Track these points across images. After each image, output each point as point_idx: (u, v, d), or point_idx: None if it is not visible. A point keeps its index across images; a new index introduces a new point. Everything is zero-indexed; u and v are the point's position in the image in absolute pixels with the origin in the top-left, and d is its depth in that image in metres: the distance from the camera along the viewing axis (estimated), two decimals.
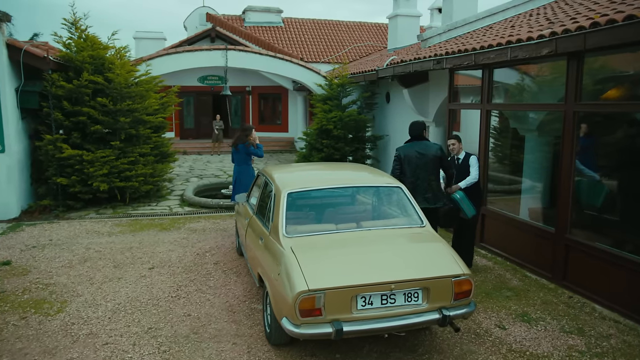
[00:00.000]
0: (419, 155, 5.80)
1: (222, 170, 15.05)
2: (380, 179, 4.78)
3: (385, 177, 4.81)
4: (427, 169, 5.78)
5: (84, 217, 9.13)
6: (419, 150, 5.84)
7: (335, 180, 4.65)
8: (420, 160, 5.78)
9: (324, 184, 4.48)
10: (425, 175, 5.76)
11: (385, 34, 24.39)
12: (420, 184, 5.73)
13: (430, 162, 5.79)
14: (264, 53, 13.09)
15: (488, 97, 7.00)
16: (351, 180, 4.70)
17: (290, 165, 6.40)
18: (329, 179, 4.68)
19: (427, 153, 5.82)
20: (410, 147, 5.92)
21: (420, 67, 8.41)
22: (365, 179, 4.83)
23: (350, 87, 12.26)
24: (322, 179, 4.69)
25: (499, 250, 6.84)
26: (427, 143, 6.01)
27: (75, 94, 9.40)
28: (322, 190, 4.41)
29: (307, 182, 4.55)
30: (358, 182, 4.70)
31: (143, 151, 10.10)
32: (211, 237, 7.76)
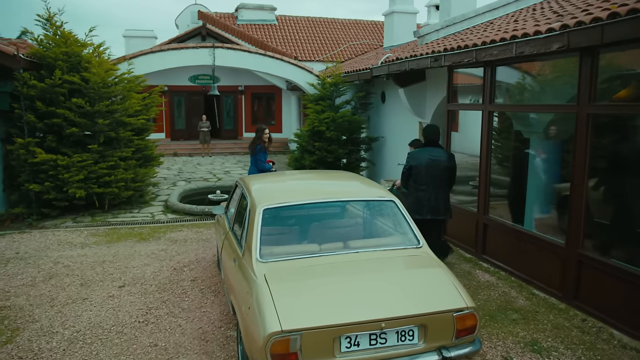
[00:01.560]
0: (431, 163, 5.63)
1: (212, 173, 14.48)
2: (371, 191, 4.22)
3: (377, 188, 4.25)
4: (438, 178, 5.62)
5: (59, 225, 8.55)
6: (432, 157, 5.67)
7: (320, 193, 4.07)
8: (432, 169, 5.62)
9: (307, 197, 3.91)
10: (435, 184, 5.60)
11: (381, 32, 23.84)
12: (430, 194, 5.60)
13: (441, 171, 5.65)
14: (253, 51, 12.52)
15: (490, 97, 6.45)
16: (338, 193, 4.11)
17: (272, 174, 5.81)
18: (312, 192, 4.11)
19: (440, 161, 5.66)
20: (424, 153, 5.73)
21: (417, 65, 7.85)
22: (354, 192, 4.25)
23: (344, 86, 11.70)
24: (305, 192, 4.12)
25: (502, 264, 6.29)
26: (441, 151, 5.80)
27: (49, 94, 8.82)
28: (305, 205, 3.84)
29: (288, 195, 3.99)
30: (346, 196, 4.12)
31: (124, 155, 9.52)
32: (192, 248, 7.20)
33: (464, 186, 8.20)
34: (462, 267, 6.46)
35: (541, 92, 6.10)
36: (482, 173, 6.67)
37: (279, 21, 23.78)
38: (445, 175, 5.72)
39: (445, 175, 5.72)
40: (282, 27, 23.41)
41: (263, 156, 7.81)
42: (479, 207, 6.79)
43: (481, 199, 6.72)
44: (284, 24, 23.66)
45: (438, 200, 5.68)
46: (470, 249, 7.02)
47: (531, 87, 6.28)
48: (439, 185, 5.67)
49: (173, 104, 21.31)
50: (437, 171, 5.64)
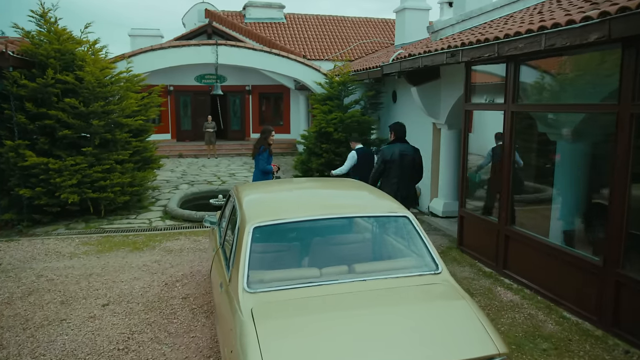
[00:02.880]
0: (402, 157, 6.18)
1: (216, 176, 13.98)
2: (381, 204, 3.63)
3: (387, 201, 3.67)
4: (408, 170, 6.21)
5: (51, 233, 8.08)
6: (402, 152, 6.21)
7: (321, 207, 3.48)
8: (402, 162, 6.17)
9: (306, 213, 3.33)
10: (406, 176, 6.20)
11: (392, 30, 23.21)
12: (402, 185, 6.17)
13: (410, 164, 6.23)
14: (258, 49, 11.98)
15: (513, 96, 5.83)
16: (343, 208, 3.50)
17: (269, 183, 5.22)
18: (313, 206, 3.53)
19: (409, 156, 6.24)
20: (395, 148, 6.25)
21: (431, 61, 7.25)
22: (361, 205, 3.65)
23: (353, 85, 11.12)
24: (304, 206, 3.54)
25: (526, 281, 5.67)
26: (408, 146, 6.38)
27: (41, 94, 8.35)
28: (303, 222, 3.27)
29: (283, 209, 3.42)
30: (352, 210, 3.50)
31: (120, 158, 9.03)
32: (187, 260, 6.67)
33: (480, 191, 7.58)
34: (482, 283, 5.86)
35: (572, 89, 5.47)
36: (504, 179, 6.06)
37: (288, 19, 23.25)
38: (415, 167, 6.30)
39: (413, 167, 6.27)
40: (290, 25, 22.87)
41: (266, 158, 7.43)
42: (500, 217, 6.17)
43: (503, 207, 6.11)
44: (293, 22, 23.12)
45: (408, 190, 6.27)
46: (489, 262, 6.40)
47: (560, 85, 5.65)
48: (409, 177, 6.26)
49: (179, 104, 20.88)
50: (406, 164, 6.20)
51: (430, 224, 8.80)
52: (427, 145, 9.66)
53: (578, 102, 5.21)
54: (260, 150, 7.42)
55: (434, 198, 9.50)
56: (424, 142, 9.77)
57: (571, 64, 5.39)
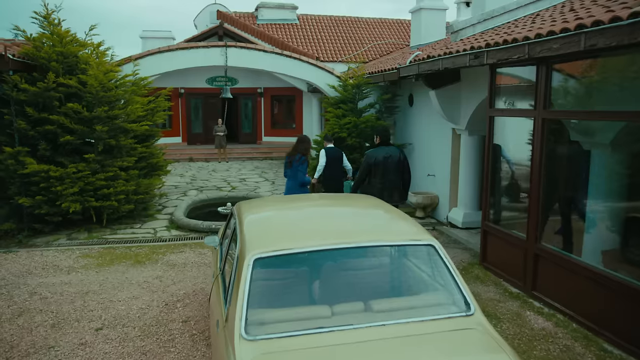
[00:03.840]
0: (386, 159, 6.56)
1: (226, 182, 13.59)
2: (402, 229, 3.16)
3: (409, 225, 3.20)
4: (392, 171, 6.58)
5: (51, 243, 7.74)
6: (386, 154, 6.59)
7: (333, 233, 3.01)
8: (387, 164, 6.55)
9: (316, 241, 2.87)
10: (392, 177, 6.59)
11: (407, 31, 22.69)
12: (388, 186, 6.58)
13: (395, 165, 6.60)
14: (269, 50, 11.57)
15: (545, 102, 5.32)
16: (358, 234, 3.01)
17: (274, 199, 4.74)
18: (323, 231, 3.07)
19: (393, 157, 6.62)
20: (380, 151, 6.63)
21: (452, 63, 6.76)
22: (380, 231, 3.14)
23: (367, 88, 10.65)
24: (314, 230, 3.08)
25: (559, 305, 5.15)
26: (393, 148, 6.78)
27: (42, 99, 8.02)
28: (312, 253, 2.82)
29: (290, 236, 2.98)
30: (368, 238, 2.98)
31: (125, 164, 8.66)
32: (190, 276, 6.26)
33: (505, 202, 7.05)
34: (509, 306, 5.35)
35: (616, 95, 4.94)
36: (534, 193, 5.54)
37: (301, 20, 22.84)
38: (399, 168, 6.64)
39: (398, 168, 6.63)
40: (303, 26, 22.46)
41: (305, 169, 7.42)
42: (528, 233, 5.66)
43: (532, 223, 5.59)
44: (306, 24, 22.70)
45: (392, 189, 6.64)
46: (516, 281, 5.89)
47: (601, 89, 5.11)
48: (394, 177, 6.62)
49: (190, 107, 20.57)
50: (391, 166, 6.57)
51: (449, 236, 8.29)
52: (445, 152, 9.17)
53: (626, 110, 4.67)
54: (302, 161, 7.17)
55: (453, 208, 8.99)
56: (442, 148, 9.28)
57: (613, 66, 4.86)
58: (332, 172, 7.88)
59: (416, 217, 9.56)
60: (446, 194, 9.21)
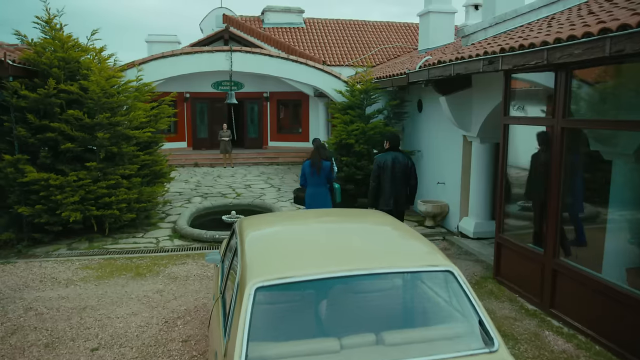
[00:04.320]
0: (395, 164, 6.71)
1: (231, 188, 13.38)
2: (417, 252, 2.91)
3: (424, 246, 2.95)
4: (399, 176, 6.73)
5: (51, 254, 7.54)
6: (395, 159, 6.74)
7: (344, 258, 2.73)
8: (395, 169, 6.71)
9: (323, 267, 2.62)
10: (399, 182, 6.73)
11: (415, 35, 22.46)
12: (395, 191, 6.74)
13: (402, 171, 6.74)
14: (274, 55, 11.35)
15: (564, 110, 5.05)
16: (370, 259, 2.71)
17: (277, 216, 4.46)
18: (332, 255, 2.81)
19: (401, 163, 6.75)
20: (388, 156, 6.78)
21: (465, 69, 6.50)
22: (393, 255, 2.86)
23: (375, 93, 10.40)
24: (321, 255, 2.82)
25: (580, 325, 4.87)
26: (401, 154, 6.89)
27: (43, 105, 7.85)
28: (319, 280, 2.57)
29: (295, 261, 2.73)
30: (382, 264, 2.68)
31: (127, 172, 8.46)
32: (192, 290, 6.03)
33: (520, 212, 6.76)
34: (526, 325, 5.08)
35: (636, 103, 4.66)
36: (552, 204, 5.27)
37: (307, 24, 22.66)
38: (406, 174, 6.77)
39: (405, 174, 6.76)
40: (310, 30, 22.27)
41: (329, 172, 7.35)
42: (546, 248, 5.38)
43: (550, 237, 5.32)
44: (312, 27, 22.52)
45: (400, 193, 6.77)
46: (533, 298, 5.61)
47: (625, 97, 4.84)
48: (401, 183, 6.75)
49: (195, 112, 20.41)
50: (399, 171, 6.72)
51: (460, 247, 8.02)
52: (456, 159, 8.90)
53: None
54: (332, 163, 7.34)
55: (464, 217, 8.71)
56: (452, 155, 9.01)
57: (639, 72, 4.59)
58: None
59: (425, 226, 9.29)
60: (456, 202, 8.94)
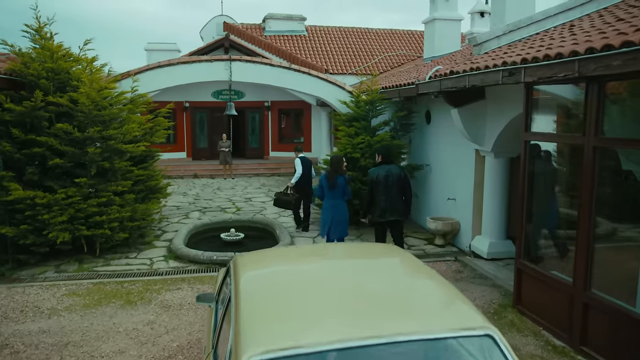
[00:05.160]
0: (387, 177, 6.83)
1: (231, 201, 12.89)
2: (451, 309, 2.40)
3: (456, 298, 2.46)
4: (394, 188, 6.83)
5: (37, 277, 7.06)
6: (387, 172, 6.86)
7: (361, 319, 2.17)
8: (388, 181, 6.81)
9: (337, 331, 2.10)
10: (394, 194, 6.84)
11: (418, 42, 22.07)
12: (389, 201, 6.83)
13: (396, 183, 6.85)
14: (275, 64, 10.90)
15: (596, 128, 4.57)
16: (392, 319, 2.19)
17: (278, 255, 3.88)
18: (346, 313, 2.28)
19: (394, 175, 6.88)
20: (381, 170, 6.91)
21: (482, 80, 6.03)
22: (422, 314, 2.29)
23: (382, 104, 9.93)
24: (333, 312, 2.31)
25: None
26: (394, 167, 7.11)
27: (30, 119, 7.39)
28: (333, 351, 2.07)
29: (300, 323, 2.23)
30: (408, 328, 2.09)
31: (119, 189, 7.99)
32: (186, 321, 5.53)
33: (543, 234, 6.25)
34: None
35: None
36: (583, 229, 4.77)
37: (309, 32, 22.28)
38: (399, 185, 6.87)
39: (399, 185, 6.86)
40: (311, 38, 21.89)
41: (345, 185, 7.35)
42: (576, 277, 4.88)
43: (580, 265, 4.82)
44: (314, 35, 22.13)
45: (395, 205, 6.87)
46: (560, 333, 5.10)
47: None
48: (396, 194, 6.85)
49: (195, 121, 19.96)
50: (392, 183, 6.82)
51: (474, 269, 7.51)
52: (467, 175, 8.42)
53: None
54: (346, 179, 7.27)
55: (477, 236, 8.21)
56: (464, 170, 8.53)
57: None
58: (305, 177, 9.47)
59: (435, 244, 8.79)
60: (468, 220, 8.44)
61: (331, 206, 7.26)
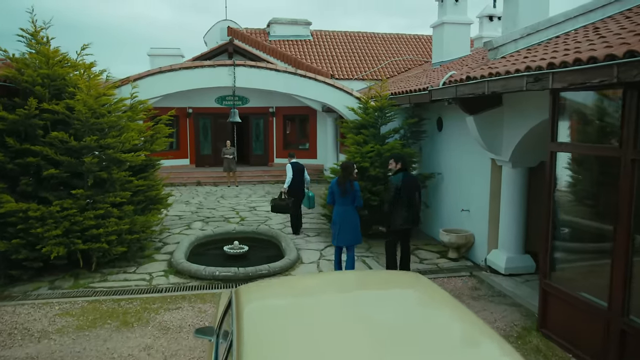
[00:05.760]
0: (409, 184, 6.93)
1: (235, 210, 12.51)
2: None
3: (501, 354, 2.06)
4: (411, 196, 6.93)
5: (30, 294, 6.68)
6: (405, 179, 6.92)
7: None
8: (407, 189, 6.88)
9: None
10: (410, 201, 6.90)
11: (425, 47, 21.70)
12: (408, 208, 6.89)
13: (414, 190, 7.00)
14: (281, 70, 10.53)
15: (635, 139, 4.16)
16: None
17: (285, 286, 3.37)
18: None
19: (412, 183, 7.04)
20: (400, 177, 6.91)
21: (503, 86, 5.63)
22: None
23: (391, 111, 9.54)
24: (344, 357, 1.94)
25: None
26: (411, 175, 7.39)
27: (24, 127, 7.05)
28: None
29: None
30: None
31: (118, 200, 7.62)
32: (186, 345, 5.14)
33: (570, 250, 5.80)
34: None
35: None
36: (619, 249, 4.35)
37: (314, 37, 21.95)
38: (415, 193, 7.02)
39: (415, 193, 7.02)
40: (317, 42, 21.56)
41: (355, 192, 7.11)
42: (611, 302, 4.46)
43: (617, 288, 4.39)
44: (320, 40, 21.80)
45: (412, 213, 6.95)
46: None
47: None
48: (412, 202, 6.94)
49: (198, 127, 19.62)
50: (411, 191, 6.92)
51: (491, 286, 7.08)
52: (483, 185, 8.01)
53: None
54: (356, 186, 7.03)
55: (493, 250, 7.79)
56: (479, 180, 8.13)
57: None
58: (297, 182, 9.72)
59: (449, 258, 8.37)
60: (484, 232, 8.02)
61: (342, 212, 7.09)
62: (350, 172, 7.07)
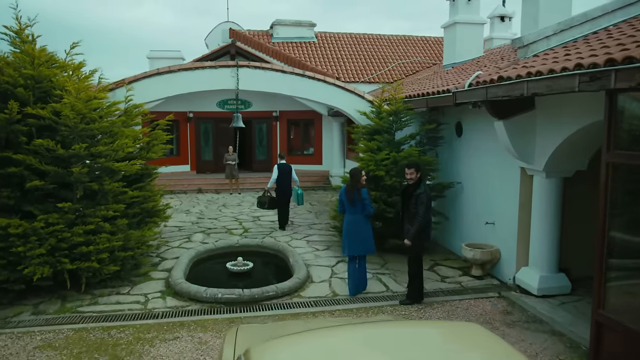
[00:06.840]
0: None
1: (238, 220, 11.79)
2: None
3: None
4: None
5: (10, 320, 5.98)
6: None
7: None
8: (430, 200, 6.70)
9: None
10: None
11: (433, 49, 21.03)
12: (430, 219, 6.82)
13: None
14: (288, 71, 9.84)
15: None
16: None
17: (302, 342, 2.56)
18: None
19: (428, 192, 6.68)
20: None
21: (548, 87, 4.92)
22: None
23: (407, 115, 8.84)
24: None
25: None
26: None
27: (5, 134, 6.36)
28: None
29: None
30: None
31: (110, 214, 6.92)
32: None
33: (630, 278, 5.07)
34: None
35: None
36: None
37: (318, 38, 21.27)
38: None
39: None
40: (321, 44, 20.87)
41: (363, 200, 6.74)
42: None
43: None
44: (324, 42, 21.12)
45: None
46: None
47: None
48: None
49: (199, 132, 18.90)
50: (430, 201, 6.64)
51: (525, 309, 6.37)
52: (510, 195, 7.31)
53: None
54: (364, 194, 6.67)
55: (523, 267, 7.08)
56: (505, 190, 7.43)
57: None
58: (283, 182, 10.45)
59: (473, 275, 7.65)
60: (511, 248, 7.31)
61: (352, 221, 6.79)
62: (357, 180, 6.75)
